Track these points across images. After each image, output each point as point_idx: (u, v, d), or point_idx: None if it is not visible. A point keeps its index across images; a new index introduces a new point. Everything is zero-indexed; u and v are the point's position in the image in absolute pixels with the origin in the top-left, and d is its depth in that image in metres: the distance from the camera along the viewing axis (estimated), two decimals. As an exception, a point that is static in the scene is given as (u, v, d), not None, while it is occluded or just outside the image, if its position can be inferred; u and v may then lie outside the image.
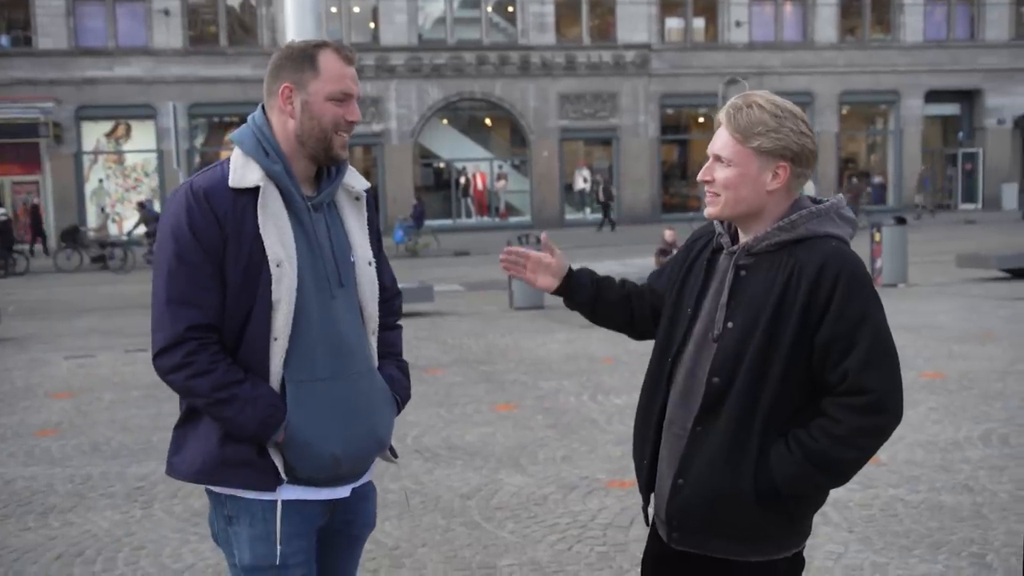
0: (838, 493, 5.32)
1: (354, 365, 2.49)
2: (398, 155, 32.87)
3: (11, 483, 6.05)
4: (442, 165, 34.84)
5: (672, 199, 35.42)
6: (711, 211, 2.38)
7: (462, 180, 34.48)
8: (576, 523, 5.09)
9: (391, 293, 2.69)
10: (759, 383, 2.26)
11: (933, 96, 36.03)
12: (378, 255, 2.63)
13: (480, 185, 34.50)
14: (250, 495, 2.40)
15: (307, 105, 2.41)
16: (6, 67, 29.88)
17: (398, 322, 2.75)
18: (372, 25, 33.09)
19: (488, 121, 35.05)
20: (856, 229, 2.40)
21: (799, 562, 2.42)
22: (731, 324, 2.30)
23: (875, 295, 2.27)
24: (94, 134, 31.36)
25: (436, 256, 25.67)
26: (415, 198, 30.09)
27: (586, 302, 2.67)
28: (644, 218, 33.22)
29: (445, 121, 34.32)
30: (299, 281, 2.38)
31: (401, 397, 2.66)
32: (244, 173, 2.38)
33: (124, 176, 31.61)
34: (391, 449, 2.67)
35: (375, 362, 2.60)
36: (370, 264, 2.57)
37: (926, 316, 11.58)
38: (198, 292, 2.33)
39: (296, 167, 2.45)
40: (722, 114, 2.34)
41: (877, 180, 36.86)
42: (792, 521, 2.33)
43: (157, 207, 26.88)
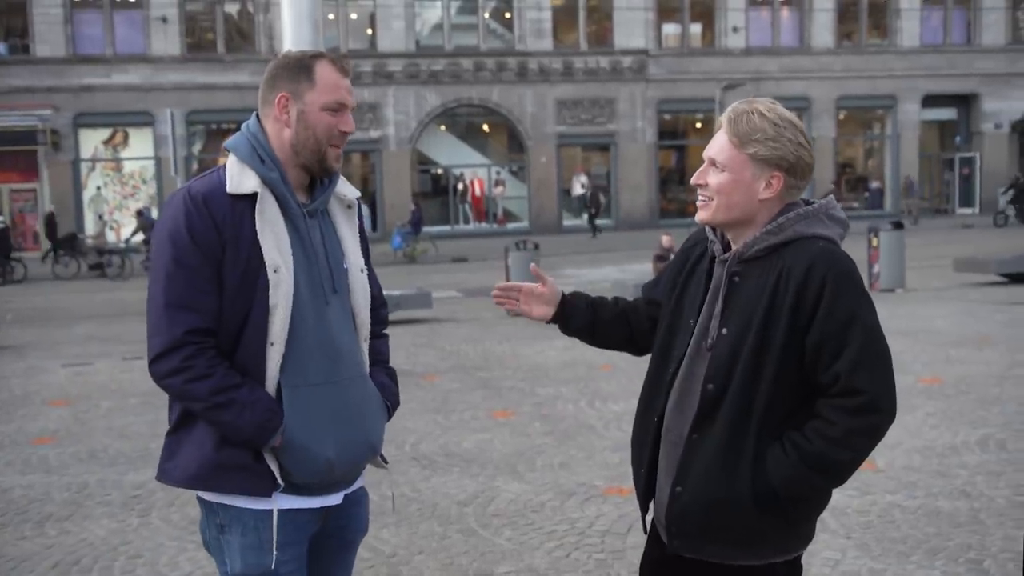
0: (836, 499, 5.30)
1: (347, 371, 2.51)
2: (396, 161, 32.88)
3: (8, 491, 6.04)
4: (440, 171, 34.84)
5: (670, 204, 35.43)
6: (702, 216, 2.38)
7: (460, 186, 34.48)
8: (574, 530, 5.08)
9: (379, 302, 2.70)
10: (752, 387, 2.26)
11: (930, 101, 36.07)
12: (367, 263, 2.66)
13: (478, 191, 34.50)
14: (243, 503, 2.41)
15: (303, 115, 2.43)
16: (4, 74, 29.88)
17: (384, 331, 2.77)
18: (369, 32, 33.13)
19: (486, 127, 35.07)
20: (847, 230, 2.39)
21: (798, 567, 2.42)
22: (725, 331, 2.31)
23: (865, 295, 2.27)
24: (92, 141, 31.36)
25: (434, 262, 25.68)
26: (413, 204, 30.07)
27: (584, 327, 2.68)
28: (642, 223, 33.23)
29: (443, 127, 34.34)
30: (295, 287, 2.40)
31: (391, 404, 2.68)
32: (241, 180, 2.40)
33: (122, 183, 31.61)
34: (381, 455, 2.68)
35: (366, 368, 2.62)
36: (362, 271, 2.60)
37: (924, 321, 11.58)
38: (196, 296, 2.34)
39: (291, 175, 2.47)
40: (723, 118, 2.34)
41: (875, 185, 36.89)
42: (791, 525, 2.33)
43: (155, 214, 26.88)
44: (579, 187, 34.38)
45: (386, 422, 2.65)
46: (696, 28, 35.22)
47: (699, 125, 35.61)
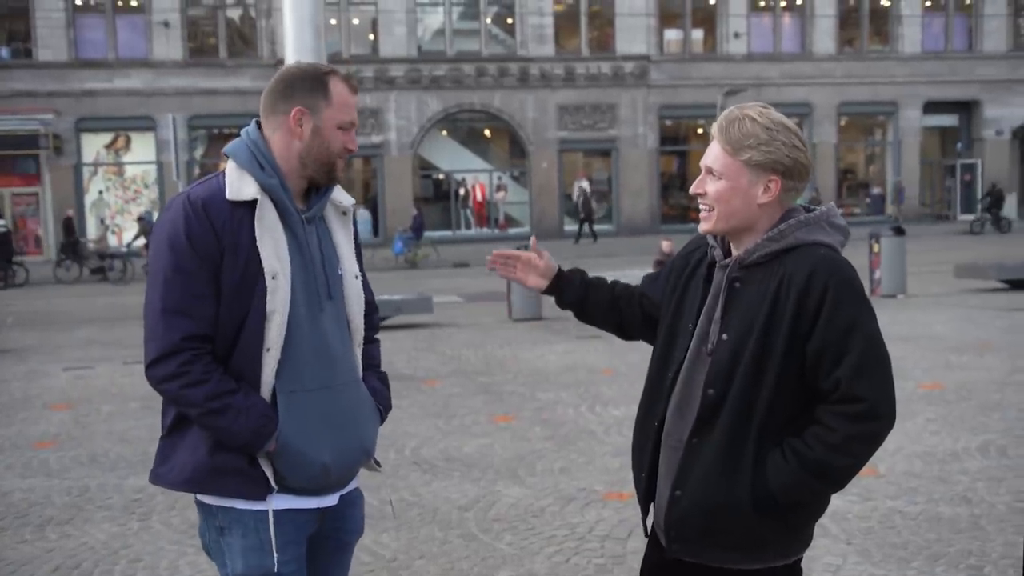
0: (836, 505, 5.32)
1: (341, 376, 2.54)
2: (397, 166, 32.89)
3: (8, 495, 6.04)
4: (441, 176, 34.85)
5: (671, 210, 35.42)
6: (704, 227, 2.40)
7: (461, 191, 34.48)
8: (574, 535, 5.08)
9: (371, 308, 2.73)
10: (752, 393, 2.27)
11: (931, 107, 36.07)
12: (361, 270, 2.69)
13: (479, 196, 34.50)
14: (241, 505, 2.42)
15: (318, 130, 2.46)
16: (6, 79, 29.91)
17: (376, 336, 2.81)
18: (371, 37, 33.16)
19: (487, 132, 35.08)
20: (848, 237, 2.40)
21: (797, 570, 2.43)
22: (725, 336, 2.31)
23: (866, 302, 2.28)
24: (94, 146, 31.38)
25: (435, 267, 25.68)
26: (414, 209, 30.09)
27: (575, 302, 2.73)
28: (643, 229, 33.23)
29: (444, 132, 34.36)
30: (291, 293, 2.42)
31: (384, 408, 2.72)
32: (240, 186, 2.41)
33: (124, 188, 31.60)
34: (375, 459, 2.71)
35: (360, 373, 2.65)
36: (356, 277, 2.63)
37: (924, 327, 11.58)
38: (193, 302, 2.35)
39: (291, 183, 2.49)
40: (715, 127, 2.35)
41: (876, 191, 36.90)
42: (791, 529, 2.34)
43: (156, 218, 26.86)
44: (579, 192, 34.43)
45: (379, 426, 2.69)
46: (698, 34, 35.24)
47: (700, 131, 35.61)
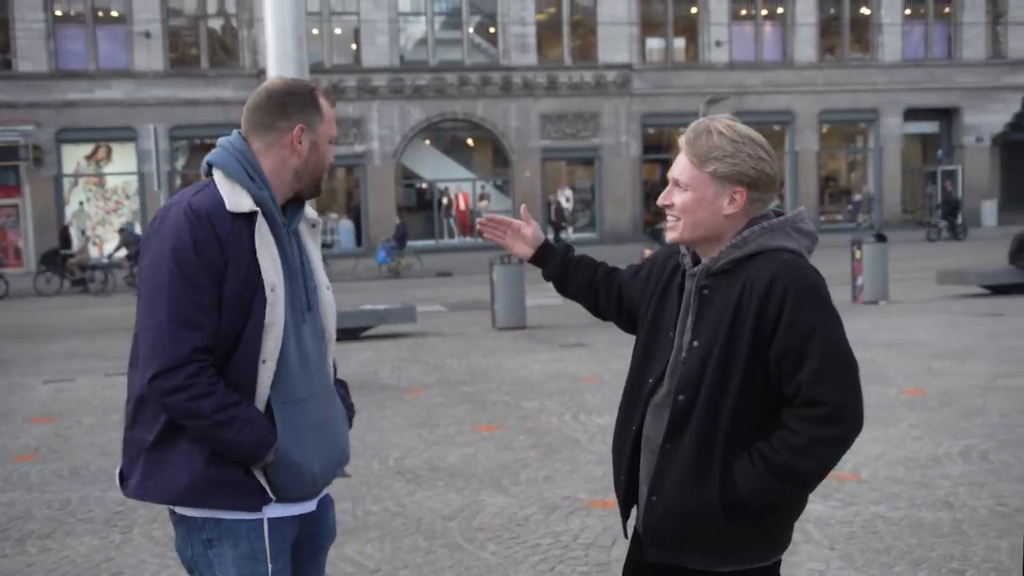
0: (819, 511, 5.34)
1: (320, 386, 2.57)
2: (380, 176, 32.86)
3: (-11, 509, 6.00)
4: (424, 186, 34.84)
5: (654, 218, 35.49)
6: (671, 236, 2.44)
7: (444, 200, 34.49)
8: (558, 543, 5.08)
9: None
10: (719, 399, 2.30)
11: (912, 114, 36.29)
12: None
13: (462, 205, 34.52)
14: (232, 516, 2.42)
15: (315, 146, 2.52)
16: (-14, 90, 29.79)
17: None
18: (354, 47, 33.15)
19: (470, 142, 35.11)
20: (815, 242, 2.43)
21: (775, 572, 2.45)
22: (696, 343, 2.35)
23: (827, 307, 2.30)
24: (74, 157, 31.22)
25: (418, 276, 25.67)
26: (397, 218, 30.05)
27: (554, 276, 2.82)
28: (626, 237, 33.28)
29: (427, 142, 34.36)
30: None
31: (351, 414, 2.76)
32: (237, 198, 2.41)
33: (105, 199, 31.44)
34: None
35: (332, 383, 2.69)
36: (328, 288, 2.66)
37: (907, 333, 11.63)
38: (200, 314, 2.35)
39: (277, 195, 2.51)
40: (682, 139, 2.39)
41: (857, 198, 37.08)
42: (766, 532, 2.37)
43: (138, 230, 26.77)
44: (564, 201, 34.47)
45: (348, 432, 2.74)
46: (680, 43, 35.37)
47: (683, 139, 35.66)
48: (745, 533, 2.32)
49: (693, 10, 34.81)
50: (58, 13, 30.71)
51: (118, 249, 25.56)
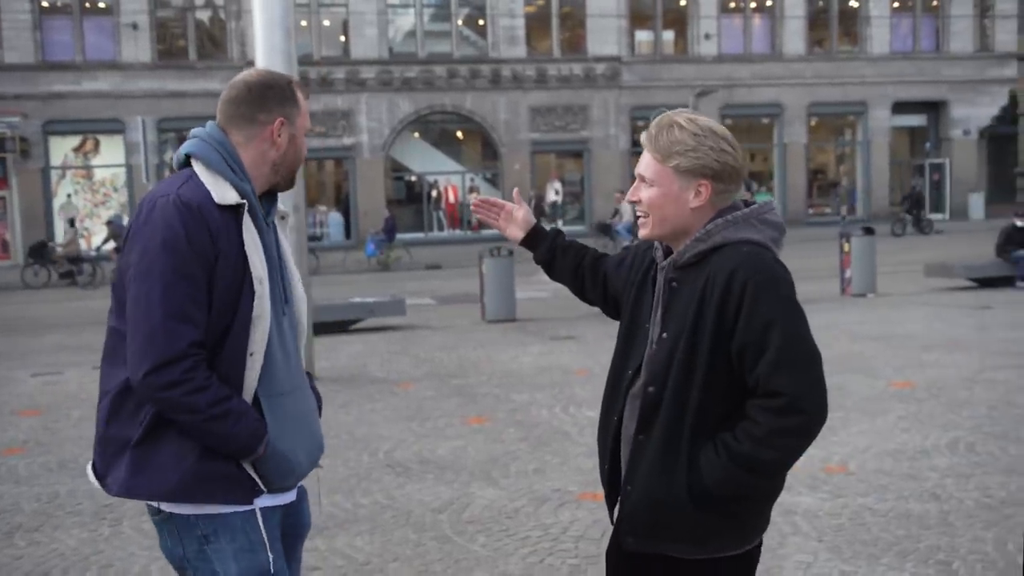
0: (807, 503, 5.37)
1: (297, 378, 2.59)
2: (369, 168, 32.81)
3: (-23, 503, 5.98)
4: (413, 178, 34.78)
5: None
6: (643, 233, 2.48)
7: (434, 193, 34.45)
8: (548, 536, 5.09)
9: None
10: (684, 391, 2.34)
11: (900, 107, 36.38)
12: None
13: (452, 198, 34.48)
14: (226, 509, 2.41)
15: (293, 138, 2.54)
16: (-28, 82, 29.61)
17: None
18: (343, 38, 33.05)
19: (459, 134, 35.07)
20: (783, 233, 2.44)
21: (748, 559, 2.47)
22: (665, 335, 2.39)
23: (787, 299, 2.31)
24: (62, 149, 31.08)
25: (408, 269, 25.63)
26: (386, 211, 30.01)
27: (543, 261, 2.91)
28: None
29: (416, 134, 34.30)
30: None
31: (320, 404, 2.78)
32: (222, 191, 2.41)
33: (93, 191, 31.32)
34: None
35: (305, 374, 2.71)
36: (299, 281, 2.68)
37: (895, 325, 11.67)
38: (194, 308, 2.34)
39: (257, 187, 2.52)
40: (644, 135, 2.40)
41: (839, 191, 37.18)
42: (737, 520, 2.39)
43: (126, 222, 26.64)
44: (553, 194, 34.46)
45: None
46: (669, 35, 35.36)
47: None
48: (715, 522, 2.35)
49: (682, 3, 34.79)
50: (44, 4, 30.54)
51: (106, 241, 25.46)
